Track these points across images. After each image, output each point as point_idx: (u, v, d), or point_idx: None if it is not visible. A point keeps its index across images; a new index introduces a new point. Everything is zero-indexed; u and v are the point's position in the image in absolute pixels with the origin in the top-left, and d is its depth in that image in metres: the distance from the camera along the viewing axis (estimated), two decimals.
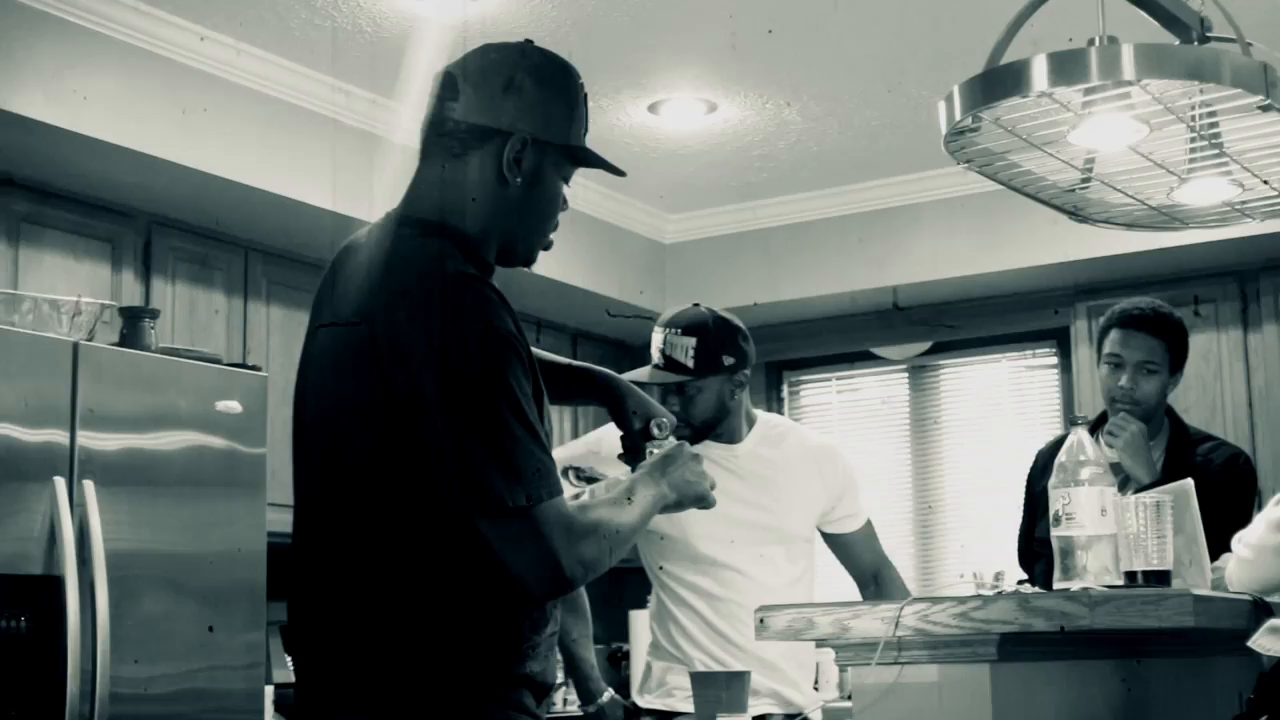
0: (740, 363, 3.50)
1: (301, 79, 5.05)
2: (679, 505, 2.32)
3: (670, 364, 3.47)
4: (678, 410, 3.45)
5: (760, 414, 3.65)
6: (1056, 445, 3.42)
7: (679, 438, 3.51)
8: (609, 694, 3.64)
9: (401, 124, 4.96)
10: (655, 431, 2.50)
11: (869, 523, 3.73)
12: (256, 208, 5.04)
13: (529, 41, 2.25)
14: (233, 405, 4.31)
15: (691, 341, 3.46)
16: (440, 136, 2.20)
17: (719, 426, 3.52)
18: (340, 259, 2.26)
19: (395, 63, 4.82)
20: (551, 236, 2.28)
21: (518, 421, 2.01)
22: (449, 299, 2.05)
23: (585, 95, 2.27)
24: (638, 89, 5.32)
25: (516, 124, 2.17)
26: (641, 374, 3.45)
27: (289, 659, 3.35)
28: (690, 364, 3.45)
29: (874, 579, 3.70)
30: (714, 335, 3.48)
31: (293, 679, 2.23)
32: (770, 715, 3.45)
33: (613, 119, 5.54)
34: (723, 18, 4.73)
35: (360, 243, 2.24)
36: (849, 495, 3.68)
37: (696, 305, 3.54)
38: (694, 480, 2.33)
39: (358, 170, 5.09)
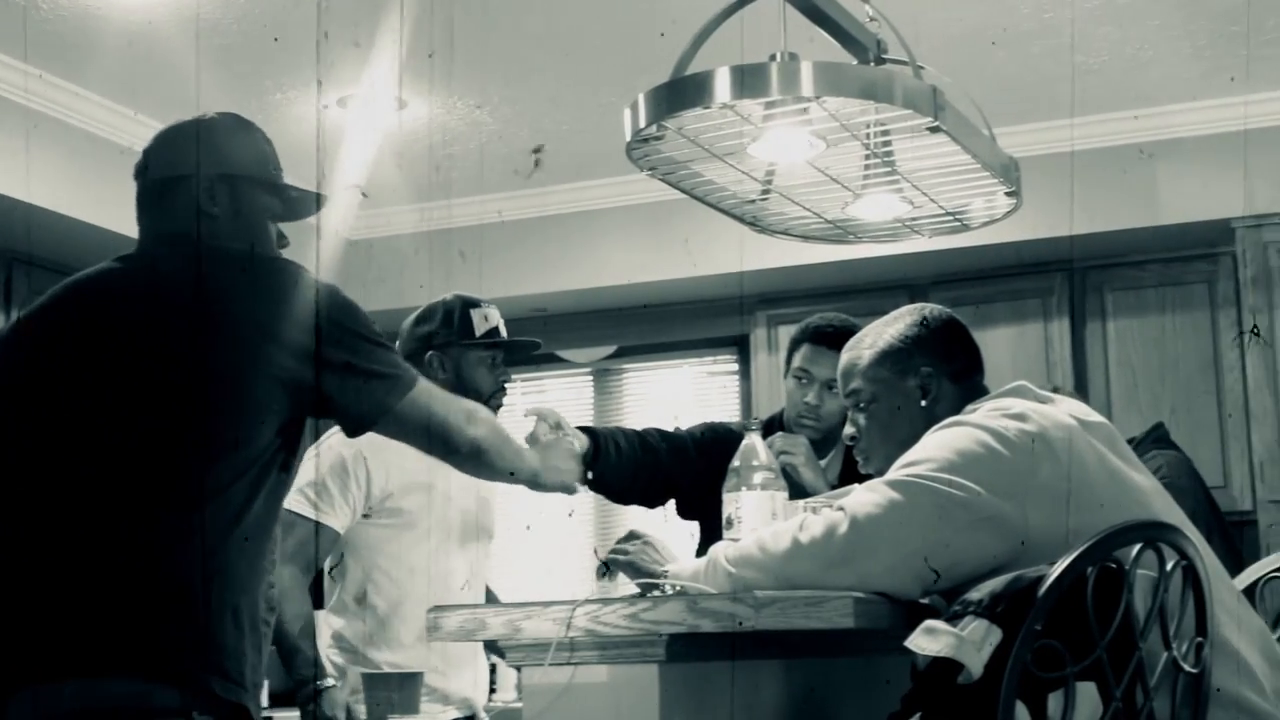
0: None
1: None
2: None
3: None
4: (506, 383, 3.63)
5: None
6: (725, 433, 3.51)
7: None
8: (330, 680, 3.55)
9: (80, 108, 4.79)
10: None
11: None
12: None
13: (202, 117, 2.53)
14: None
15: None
16: (161, 199, 2.48)
17: None
18: (99, 298, 2.40)
19: (72, 44, 4.65)
20: None
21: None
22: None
23: (264, 134, 2.59)
24: (327, 81, 5.24)
25: (204, 168, 2.46)
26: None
27: None
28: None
29: None
30: None
31: None
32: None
33: (301, 111, 5.45)
34: (414, 14, 4.69)
35: (118, 282, 2.42)
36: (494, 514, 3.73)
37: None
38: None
39: (43, 156, 4.88)
